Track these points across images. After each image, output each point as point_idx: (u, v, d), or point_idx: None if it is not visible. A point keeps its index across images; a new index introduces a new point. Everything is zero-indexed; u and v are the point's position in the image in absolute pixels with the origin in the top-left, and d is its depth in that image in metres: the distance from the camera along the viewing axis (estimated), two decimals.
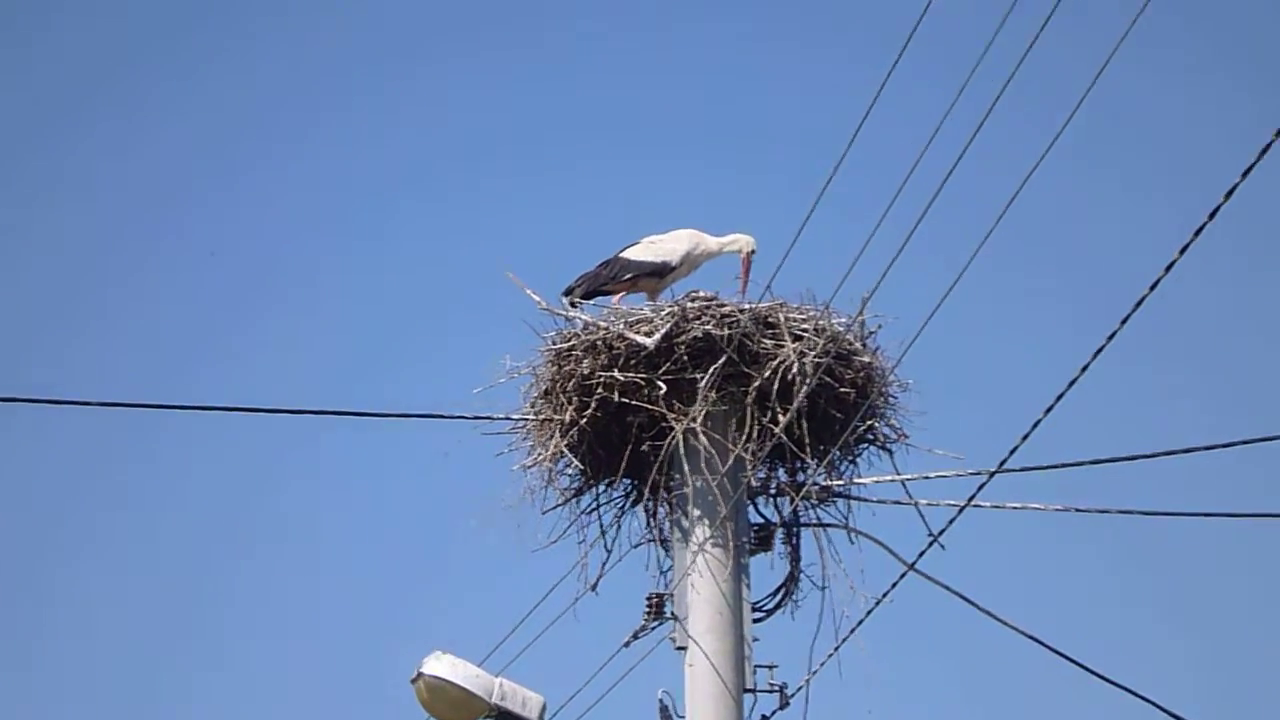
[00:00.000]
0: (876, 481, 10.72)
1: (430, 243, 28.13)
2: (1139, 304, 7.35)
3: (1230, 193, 6.61)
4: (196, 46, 28.66)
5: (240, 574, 26.18)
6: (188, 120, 28.26)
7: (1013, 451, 8.81)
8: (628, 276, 11.38)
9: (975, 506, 9.93)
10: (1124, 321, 7.49)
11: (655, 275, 11.39)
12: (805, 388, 10.28)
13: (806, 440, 10.44)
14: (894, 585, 10.05)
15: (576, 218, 25.85)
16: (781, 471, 10.79)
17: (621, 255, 11.48)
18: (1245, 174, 6.50)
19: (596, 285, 11.34)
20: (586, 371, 10.61)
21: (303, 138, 28.92)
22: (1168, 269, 7.07)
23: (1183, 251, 6.94)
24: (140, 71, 28.66)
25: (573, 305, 11.10)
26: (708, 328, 10.46)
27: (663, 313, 10.66)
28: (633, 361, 10.53)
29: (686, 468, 10.32)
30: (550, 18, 28.70)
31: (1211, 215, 6.73)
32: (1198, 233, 6.82)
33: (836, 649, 10.27)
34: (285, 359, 27.17)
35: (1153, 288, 7.21)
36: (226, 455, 26.21)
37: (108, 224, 28.38)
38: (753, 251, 11.41)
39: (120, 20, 28.40)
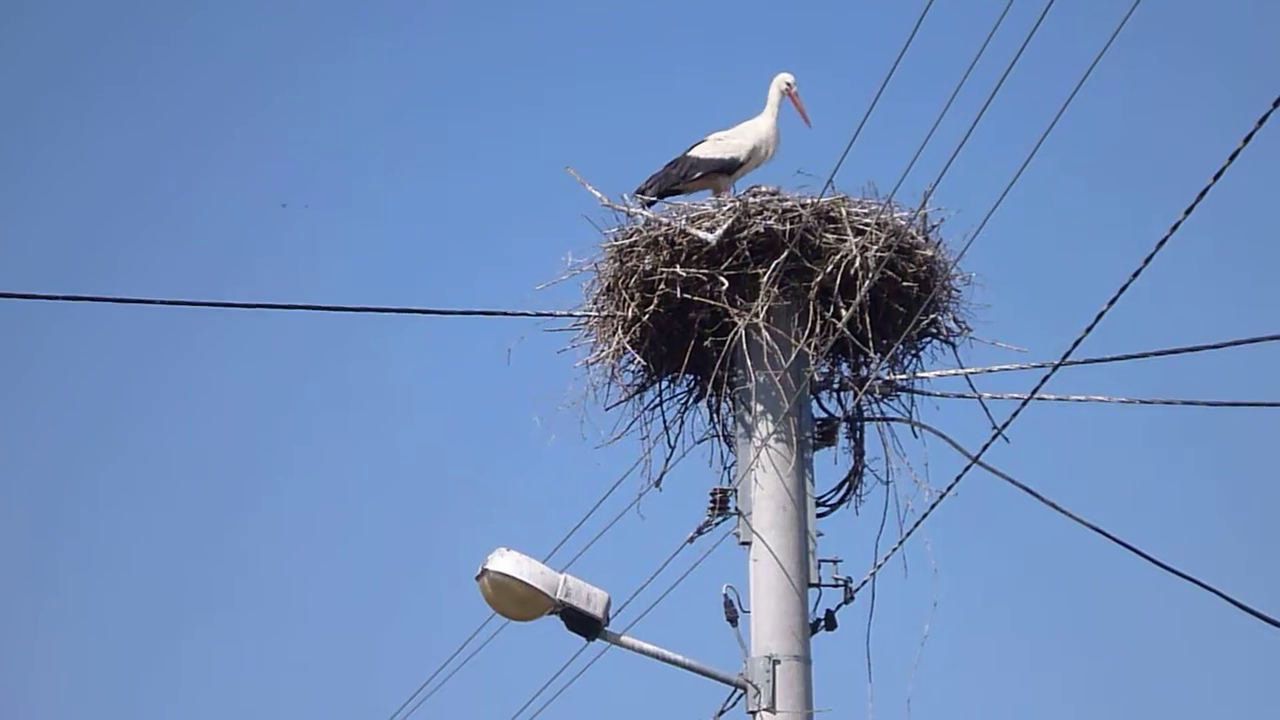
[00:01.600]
0: (940, 375, 10.70)
1: (493, 140, 28.13)
2: (1204, 193, 7.28)
3: None
4: None
5: (304, 475, 26.40)
6: (251, 24, 28.30)
7: (1077, 343, 8.77)
8: (698, 175, 11.35)
9: (1039, 399, 9.91)
10: (1188, 211, 7.43)
11: (724, 172, 11.36)
12: (868, 282, 10.24)
13: (869, 334, 10.41)
14: (958, 479, 10.03)
15: (639, 115, 25.81)
16: (844, 366, 10.78)
17: (689, 154, 11.44)
18: None
19: (668, 185, 11.32)
20: (649, 267, 10.59)
21: (371, 37, 28.90)
22: (1232, 158, 7.00)
23: (1247, 140, 6.87)
24: None
25: (646, 207, 11.08)
26: (770, 222, 10.42)
27: (724, 208, 10.62)
28: (695, 257, 10.50)
29: (749, 363, 10.31)
30: None
31: (1277, 103, 6.65)
32: (1262, 120, 6.75)
33: (900, 543, 10.28)
34: (349, 258, 27.28)
35: (1217, 177, 7.15)
36: (287, 353, 26.43)
37: (172, 124, 28.44)
38: (790, 84, 11.39)
39: None
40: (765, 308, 10.29)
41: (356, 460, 25.90)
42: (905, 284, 10.53)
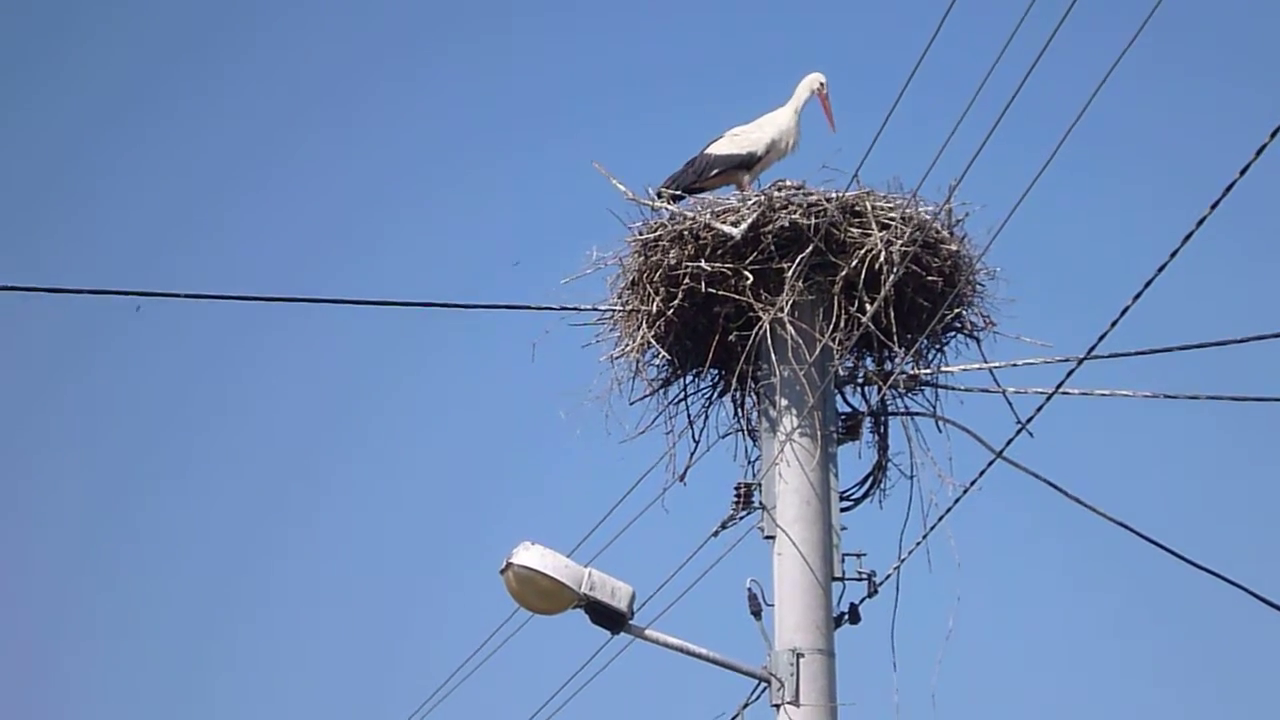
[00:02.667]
0: (964, 370, 10.69)
1: (518, 135, 28.13)
2: (1230, 187, 7.26)
3: None
4: None
5: (332, 463, 26.46)
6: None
7: (1101, 338, 8.77)
8: (715, 172, 11.33)
9: (1063, 394, 9.89)
10: (1214, 206, 7.41)
11: (743, 167, 11.35)
12: (892, 276, 10.24)
13: (894, 329, 10.41)
14: (982, 473, 10.04)
15: (665, 106, 25.81)
16: (869, 360, 10.77)
17: (707, 151, 11.43)
18: None
19: (686, 183, 11.30)
20: (673, 262, 10.59)
21: (402, 36, 29.01)
22: (1259, 152, 6.98)
23: (1274, 134, 6.85)
24: None
25: (671, 202, 11.07)
26: (794, 217, 10.42)
27: (749, 202, 10.62)
28: (719, 251, 10.50)
29: (774, 357, 10.32)
30: None
31: None
32: None
33: (925, 537, 10.28)
34: (373, 254, 27.30)
35: (1243, 171, 7.13)
36: (315, 347, 26.47)
37: (225, 145, 28.56)
38: (823, 84, 11.38)
39: None
40: (790, 302, 10.29)
41: (382, 455, 25.99)
42: (930, 279, 10.52)
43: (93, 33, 28.73)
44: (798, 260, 10.33)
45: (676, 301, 10.56)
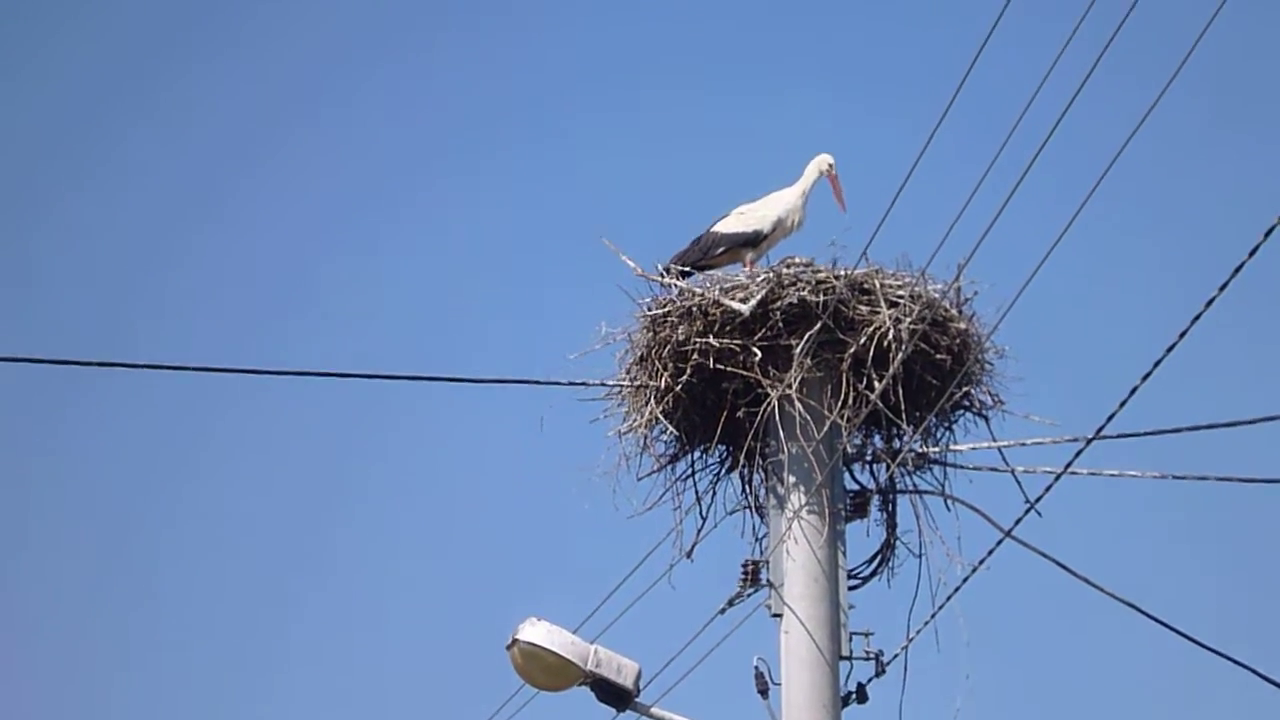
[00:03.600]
0: (973, 448, 10.68)
1: (527, 211, 28.21)
2: (1238, 270, 7.27)
3: None
4: None
5: (336, 537, 26.43)
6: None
7: (1110, 418, 8.77)
8: (721, 250, 11.35)
9: (1072, 473, 9.88)
10: (1222, 288, 7.42)
11: (749, 245, 11.36)
12: (901, 354, 10.24)
13: (902, 406, 10.41)
14: (990, 552, 10.01)
15: (674, 180, 25.88)
16: (877, 438, 10.77)
17: (713, 229, 11.45)
18: None
19: (691, 261, 11.31)
20: (682, 337, 10.60)
21: (401, 82, 29.10)
22: (1267, 234, 7.00)
23: None
24: None
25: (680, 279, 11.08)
26: (803, 294, 10.43)
27: (758, 279, 10.64)
28: (728, 327, 10.51)
29: (782, 434, 10.30)
30: None
31: None
32: None
33: (933, 616, 10.24)
34: (383, 324, 27.33)
35: (1252, 253, 7.14)
36: (322, 418, 26.45)
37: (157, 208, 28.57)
38: (831, 165, 11.39)
39: None
40: (798, 379, 10.29)
41: (386, 527, 25.91)
42: (939, 356, 10.52)
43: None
44: (806, 337, 10.33)
45: (685, 377, 10.57)
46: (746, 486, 10.77)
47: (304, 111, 29.31)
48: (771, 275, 10.58)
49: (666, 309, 10.73)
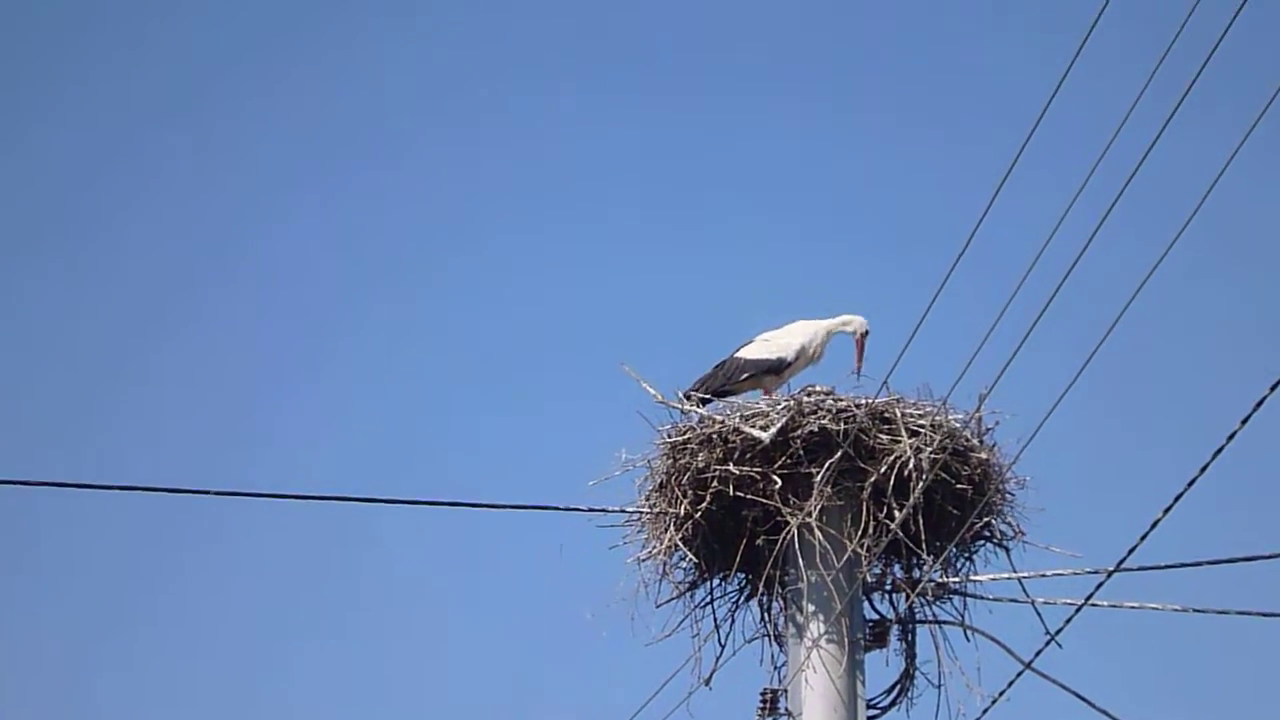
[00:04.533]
0: (993, 579, 10.65)
1: (547, 337, 28.27)
2: (1260, 404, 7.29)
3: None
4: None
5: (348, 665, 26.26)
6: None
7: (1131, 551, 8.75)
8: (744, 376, 11.38)
9: (1093, 605, 9.86)
10: (1244, 421, 7.43)
11: (772, 372, 11.40)
12: (921, 483, 10.23)
13: (923, 536, 10.39)
14: (1010, 684, 9.98)
15: (694, 309, 25.93)
16: (897, 567, 10.74)
17: (737, 355, 11.49)
18: None
19: (714, 387, 11.34)
20: (701, 465, 10.60)
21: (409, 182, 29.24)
22: None
23: None
24: None
25: (700, 405, 11.10)
26: (823, 422, 10.43)
27: (778, 407, 10.64)
28: (748, 455, 10.51)
29: (801, 562, 10.29)
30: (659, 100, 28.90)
31: None
32: None
33: None
34: (408, 452, 27.32)
35: (1274, 387, 7.16)
36: (331, 541, 26.41)
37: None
38: (866, 332, 11.43)
39: None
40: (818, 507, 10.28)
41: (405, 654, 25.78)
42: (959, 486, 10.51)
43: None
44: (826, 466, 10.33)
45: (704, 504, 10.56)
46: (765, 614, 10.75)
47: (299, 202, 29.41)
48: (792, 403, 10.58)
49: (686, 436, 10.74)
